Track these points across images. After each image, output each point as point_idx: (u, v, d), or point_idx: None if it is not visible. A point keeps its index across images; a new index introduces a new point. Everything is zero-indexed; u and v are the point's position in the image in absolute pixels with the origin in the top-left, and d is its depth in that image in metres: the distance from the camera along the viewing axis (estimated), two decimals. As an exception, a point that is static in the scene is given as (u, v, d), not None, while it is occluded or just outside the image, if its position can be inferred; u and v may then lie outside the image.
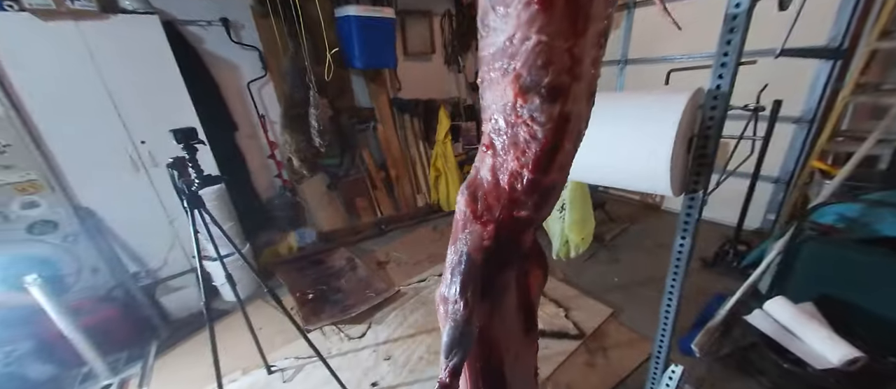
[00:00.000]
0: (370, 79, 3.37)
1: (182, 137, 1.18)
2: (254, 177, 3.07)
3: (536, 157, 0.54)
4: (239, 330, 2.25)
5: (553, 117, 0.51)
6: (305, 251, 3.21)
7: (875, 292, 1.42)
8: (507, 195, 0.58)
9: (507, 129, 0.54)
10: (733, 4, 0.72)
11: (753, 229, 2.76)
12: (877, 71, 2.11)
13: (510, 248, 0.65)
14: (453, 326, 0.59)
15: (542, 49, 0.47)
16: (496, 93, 0.53)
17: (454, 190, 3.54)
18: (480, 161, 0.61)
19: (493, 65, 0.52)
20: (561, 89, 0.50)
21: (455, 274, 0.61)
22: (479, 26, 0.53)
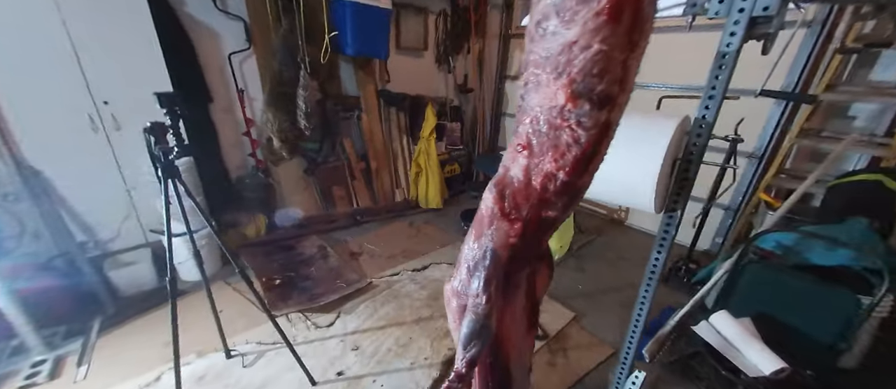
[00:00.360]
0: (359, 67, 3.32)
1: (167, 102, 1.11)
2: (225, 154, 2.91)
3: (576, 160, 0.56)
4: (196, 312, 2.14)
5: (599, 123, 0.53)
6: (274, 235, 3.09)
7: (802, 312, 1.61)
8: (538, 195, 0.59)
9: (549, 131, 0.56)
10: (725, 44, 0.80)
11: (703, 250, 3.01)
12: (819, 119, 2.40)
13: (532, 248, 0.67)
14: (474, 319, 0.61)
15: (601, 58, 0.50)
16: (544, 95, 0.55)
17: (434, 188, 3.57)
18: (512, 160, 0.62)
19: (545, 67, 0.53)
20: (610, 98, 0.52)
21: (479, 268, 0.62)
22: (533, 29, 0.54)
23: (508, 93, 4.33)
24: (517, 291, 0.74)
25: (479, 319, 0.61)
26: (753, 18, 0.78)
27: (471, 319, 0.61)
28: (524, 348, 0.83)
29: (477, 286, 0.61)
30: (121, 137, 2.23)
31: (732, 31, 0.81)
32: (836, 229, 1.76)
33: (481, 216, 0.65)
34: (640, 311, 1.26)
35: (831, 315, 1.58)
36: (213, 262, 2.59)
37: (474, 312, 0.61)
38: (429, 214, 3.63)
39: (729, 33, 0.81)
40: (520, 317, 0.78)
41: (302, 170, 3.28)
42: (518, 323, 0.78)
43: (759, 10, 0.77)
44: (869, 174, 1.97)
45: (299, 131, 2.34)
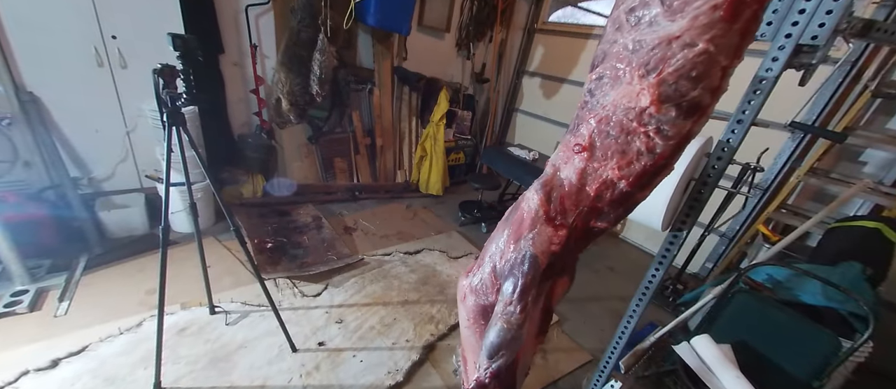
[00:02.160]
0: (378, 39, 3.23)
1: (182, 45, 1.06)
2: (230, 109, 2.85)
3: (643, 170, 0.50)
4: (183, 264, 2.13)
5: (680, 134, 0.47)
6: (271, 198, 3.06)
7: (782, 347, 1.63)
8: (590, 202, 0.54)
9: (619, 135, 0.49)
10: (765, 69, 0.77)
11: (692, 273, 3.03)
12: (831, 160, 2.39)
13: (571, 257, 0.62)
14: (506, 328, 0.56)
15: (704, 60, 0.43)
16: (622, 94, 0.48)
17: (436, 174, 3.53)
18: (566, 161, 0.56)
19: (631, 62, 0.47)
20: (701, 106, 0.46)
21: (515, 273, 0.57)
22: (623, 16, 0.47)
23: (524, 89, 4.26)
24: (541, 298, 0.69)
25: (512, 329, 0.56)
26: (799, 46, 0.75)
27: (502, 328, 0.56)
28: (530, 352, 0.80)
29: (511, 292, 0.56)
30: (126, 76, 2.17)
31: (775, 56, 0.78)
32: (829, 271, 1.77)
33: (521, 216, 0.59)
34: (627, 324, 1.26)
35: (810, 353, 1.60)
36: (207, 217, 2.56)
37: (506, 321, 0.56)
38: (427, 199, 3.61)
39: (771, 58, 0.78)
40: (535, 323, 0.74)
41: (306, 137, 3.23)
42: (532, 329, 0.74)
43: (806, 38, 0.74)
44: (870, 221, 1.97)
45: (310, 97, 2.28)
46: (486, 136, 4.25)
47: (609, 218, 0.54)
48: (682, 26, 0.43)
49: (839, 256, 1.86)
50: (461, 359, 0.75)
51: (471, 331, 0.65)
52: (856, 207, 2.34)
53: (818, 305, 1.73)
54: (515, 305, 0.56)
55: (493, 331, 0.57)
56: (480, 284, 0.61)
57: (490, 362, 0.58)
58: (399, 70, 3.42)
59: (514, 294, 0.56)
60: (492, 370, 0.58)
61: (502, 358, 0.57)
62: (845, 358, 1.53)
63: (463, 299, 0.64)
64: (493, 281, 0.61)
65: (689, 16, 0.42)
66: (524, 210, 0.60)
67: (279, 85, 2.25)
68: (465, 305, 0.63)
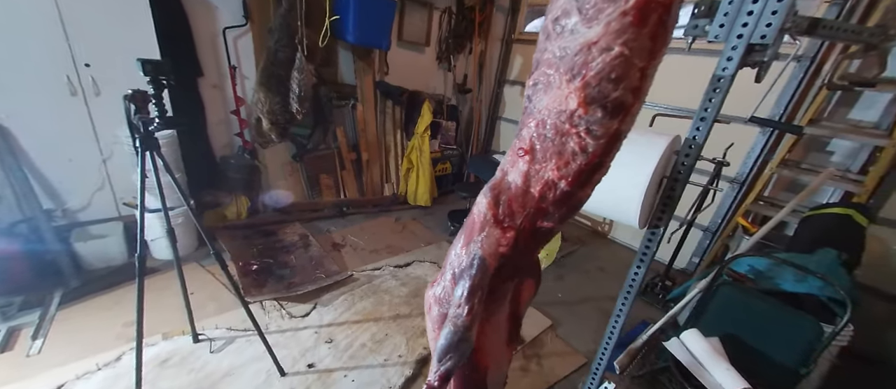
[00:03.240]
0: (359, 56, 3.26)
1: (152, 70, 1.06)
2: (211, 131, 2.82)
3: (580, 170, 0.52)
4: (165, 292, 2.06)
5: (608, 133, 0.50)
6: (256, 219, 3.02)
7: (767, 336, 1.66)
8: (535, 203, 0.55)
9: (555, 137, 0.52)
10: (721, 68, 0.81)
11: (680, 268, 3.08)
12: (800, 151, 2.49)
13: (522, 259, 0.62)
14: (453, 331, 0.56)
15: (621, 63, 0.46)
16: (554, 97, 0.51)
17: (423, 185, 3.54)
18: (511, 164, 0.58)
19: (559, 69, 0.49)
20: (624, 106, 0.49)
21: (464, 276, 0.57)
22: (549, 26, 0.50)
23: (506, 98, 4.34)
24: (501, 302, 0.70)
25: (459, 331, 0.56)
26: (751, 45, 0.79)
27: (450, 331, 0.56)
28: (502, 360, 0.79)
29: (460, 295, 0.57)
30: (100, 103, 2.13)
31: (729, 56, 0.82)
32: (806, 258, 1.82)
33: (472, 220, 0.61)
34: (615, 324, 1.27)
35: (795, 340, 1.63)
36: (189, 242, 2.50)
37: (454, 323, 0.56)
38: (416, 211, 3.61)
39: (726, 58, 0.83)
40: (501, 329, 0.74)
41: (290, 155, 3.21)
42: (498, 335, 0.73)
43: (756, 37, 0.78)
44: (841, 208, 2.05)
45: (290, 115, 2.28)
46: (471, 145, 4.30)
47: (554, 218, 0.56)
48: (598, 32, 0.46)
49: (815, 243, 1.92)
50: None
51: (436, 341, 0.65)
52: (828, 195, 2.43)
53: (798, 292, 1.77)
54: (463, 306, 0.56)
55: (443, 334, 0.58)
56: (443, 293, 0.61)
57: (439, 364, 0.58)
58: (381, 84, 3.45)
59: (462, 296, 0.57)
60: (440, 372, 0.58)
61: (451, 361, 0.57)
62: (828, 343, 1.57)
63: (429, 310, 0.64)
64: (454, 289, 0.61)
65: (603, 22, 0.45)
66: (475, 214, 0.61)
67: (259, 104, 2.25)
68: (430, 316, 0.63)
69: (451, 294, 0.60)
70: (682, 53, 3.03)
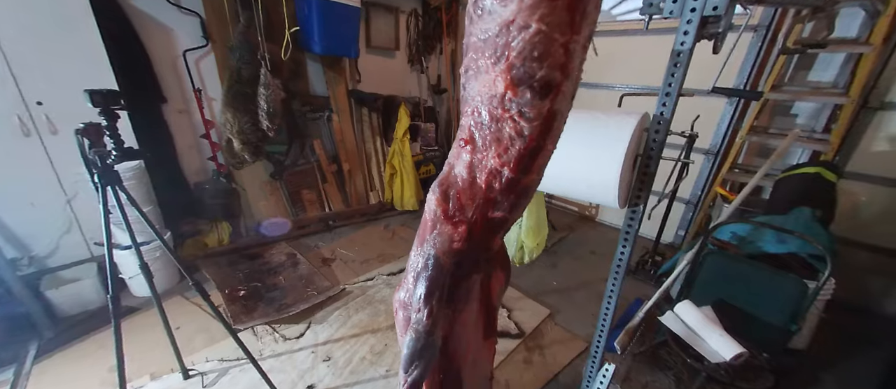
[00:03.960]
0: (328, 66, 3.21)
1: (101, 100, 1.00)
2: (182, 158, 2.73)
3: (520, 155, 0.51)
4: (148, 330, 1.98)
5: (542, 114, 0.48)
6: (239, 243, 2.93)
7: (756, 298, 1.71)
8: (483, 194, 0.54)
9: (491, 124, 0.51)
10: (679, 43, 0.82)
11: (667, 243, 3.15)
12: (766, 117, 2.58)
13: (480, 251, 0.61)
14: (415, 337, 0.54)
15: (541, 39, 0.45)
16: (483, 83, 0.50)
17: (409, 189, 3.51)
18: (456, 157, 0.57)
19: (484, 52, 0.48)
20: (552, 85, 0.47)
21: (420, 279, 0.55)
22: (471, 9, 0.49)
23: (481, 94, 4.35)
24: (469, 299, 0.67)
25: (421, 337, 0.53)
26: (704, 18, 0.81)
27: (412, 338, 0.54)
28: (481, 358, 0.76)
29: (418, 298, 0.54)
30: (57, 142, 2.03)
31: (685, 30, 0.83)
32: (783, 219, 1.88)
33: (425, 220, 0.59)
34: (608, 305, 1.27)
35: (782, 299, 1.68)
36: (170, 275, 2.41)
37: (415, 329, 0.54)
38: (404, 216, 3.57)
39: (682, 32, 0.84)
40: (474, 326, 0.71)
41: (268, 174, 3.13)
42: (472, 333, 0.71)
43: (709, 9, 0.79)
44: (810, 167, 2.13)
45: (262, 133, 2.21)
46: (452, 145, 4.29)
47: (504, 207, 0.55)
48: (513, 10, 0.45)
49: (790, 203, 1.99)
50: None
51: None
52: (797, 156, 2.52)
53: (780, 253, 1.83)
54: (422, 310, 0.54)
55: (405, 343, 0.55)
56: (407, 296, 0.59)
57: (405, 375, 0.55)
58: (355, 93, 3.41)
59: (420, 299, 0.54)
60: (408, 383, 0.55)
61: (417, 370, 0.55)
62: (813, 298, 1.62)
63: (396, 314, 0.62)
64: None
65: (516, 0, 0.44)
66: (426, 213, 0.59)
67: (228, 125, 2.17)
68: (397, 320, 0.61)
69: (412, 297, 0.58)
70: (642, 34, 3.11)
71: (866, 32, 2.09)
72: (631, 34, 2.98)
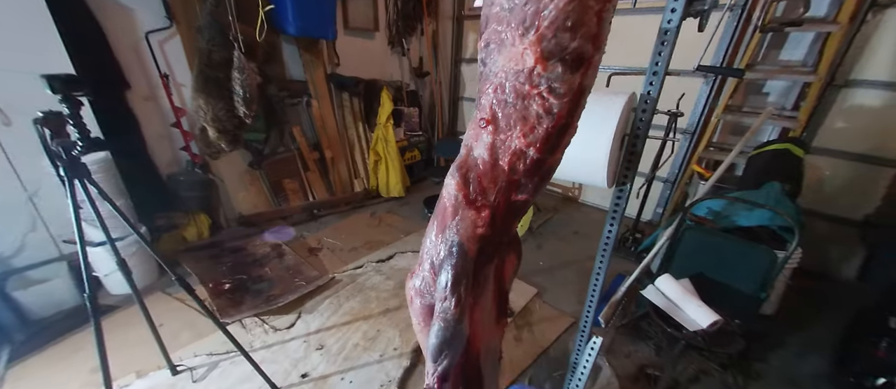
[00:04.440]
0: (304, 48, 3.07)
1: (61, 86, 0.91)
2: (152, 148, 2.58)
3: (547, 134, 0.47)
4: (129, 329, 1.91)
5: (572, 89, 0.45)
6: (221, 236, 2.83)
7: (730, 269, 1.81)
8: (506, 176, 0.51)
9: (516, 101, 0.47)
10: (666, 20, 0.82)
11: (647, 220, 3.27)
12: (740, 96, 2.67)
13: (502, 236, 0.59)
14: (444, 326, 0.52)
15: (575, 7, 0.41)
16: (509, 57, 0.46)
17: (394, 176, 3.47)
18: (475, 139, 0.53)
19: (510, 23, 0.44)
20: (585, 57, 0.44)
21: (445, 267, 0.53)
22: None
23: (465, 77, 4.29)
24: (487, 284, 0.66)
25: (450, 325, 0.52)
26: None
27: (440, 327, 0.52)
28: (494, 339, 0.76)
29: (444, 286, 0.52)
30: (12, 134, 1.87)
31: (673, 8, 0.83)
32: (755, 194, 1.98)
33: (444, 206, 0.56)
34: (596, 281, 1.32)
35: (753, 269, 1.78)
36: (149, 271, 2.31)
37: (443, 318, 0.52)
38: (391, 203, 3.54)
39: (670, 10, 0.84)
40: (489, 309, 0.71)
41: (247, 164, 3.01)
42: (487, 316, 0.70)
43: (697, -14, 0.79)
44: (779, 143, 2.24)
45: (239, 120, 2.11)
46: (437, 129, 4.24)
47: (528, 189, 0.53)
48: None
49: (761, 179, 2.09)
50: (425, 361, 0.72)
51: (423, 334, 0.63)
52: (768, 133, 2.64)
53: (752, 225, 1.93)
54: (449, 299, 0.52)
55: (432, 332, 0.54)
56: (423, 284, 0.58)
57: (435, 366, 0.54)
58: (334, 77, 3.29)
59: (446, 288, 0.52)
60: (438, 373, 0.54)
61: (447, 359, 0.53)
62: (781, 267, 1.73)
63: (410, 302, 0.61)
64: (434, 278, 0.58)
65: None
66: (445, 198, 0.56)
67: (201, 112, 2.05)
68: (413, 308, 0.60)
69: (432, 284, 0.57)
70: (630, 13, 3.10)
71: (834, 11, 2.17)
72: (619, 14, 2.98)
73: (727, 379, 1.80)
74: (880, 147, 2.26)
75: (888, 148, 2.23)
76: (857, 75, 2.24)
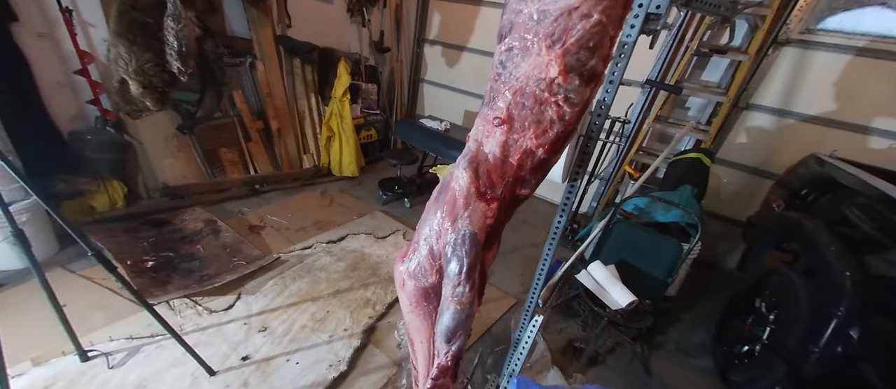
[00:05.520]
0: (250, 2, 2.75)
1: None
2: (47, 98, 2.14)
3: (557, 137, 0.53)
4: (24, 309, 1.64)
5: (583, 100, 0.51)
6: (139, 207, 2.49)
7: (646, 258, 2.11)
8: (514, 172, 0.56)
9: (534, 106, 0.51)
10: (625, 35, 0.91)
11: (583, 213, 3.61)
12: (668, 108, 3.03)
13: (501, 227, 0.63)
14: (460, 309, 0.57)
15: (599, 30, 0.46)
16: (534, 65, 0.49)
17: (348, 154, 3.33)
18: (486, 135, 0.57)
19: (537, 33, 0.48)
20: (596, 74, 0.50)
21: (458, 253, 0.56)
22: None
23: (427, 58, 4.21)
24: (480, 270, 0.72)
25: (465, 308, 0.57)
26: (648, 14, 0.90)
27: (456, 310, 0.56)
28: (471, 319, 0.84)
29: (458, 273, 0.56)
30: None
31: (632, 24, 0.93)
32: (671, 194, 2.31)
33: (453, 196, 0.59)
34: (543, 266, 1.45)
35: (664, 258, 2.10)
36: (45, 244, 1.97)
37: (459, 302, 0.56)
38: (343, 182, 3.41)
39: (629, 25, 0.93)
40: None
41: (175, 127, 2.66)
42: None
43: (653, 7, 0.89)
44: (693, 153, 2.62)
45: (171, 76, 1.82)
46: (395, 110, 4.13)
47: (531, 185, 0.59)
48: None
49: (677, 182, 2.43)
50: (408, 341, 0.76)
51: (415, 315, 0.66)
52: (685, 143, 3.05)
53: (666, 221, 2.26)
54: (464, 284, 0.57)
55: (448, 315, 0.58)
56: (418, 268, 0.61)
57: (448, 345, 0.59)
58: (284, 39, 3.01)
59: (461, 274, 0.57)
60: (453, 352, 0.59)
61: (460, 339, 0.59)
62: (686, 257, 2.06)
63: (402, 285, 0.63)
64: (431, 263, 0.62)
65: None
66: (455, 189, 0.60)
67: (121, 63, 1.74)
68: (405, 291, 0.63)
69: (429, 268, 0.60)
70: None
71: (747, 43, 2.55)
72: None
73: (636, 349, 2.12)
74: (766, 162, 2.76)
75: (772, 163, 2.73)
76: (755, 100, 2.68)
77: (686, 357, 2.16)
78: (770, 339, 1.78)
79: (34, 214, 1.85)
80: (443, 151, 2.94)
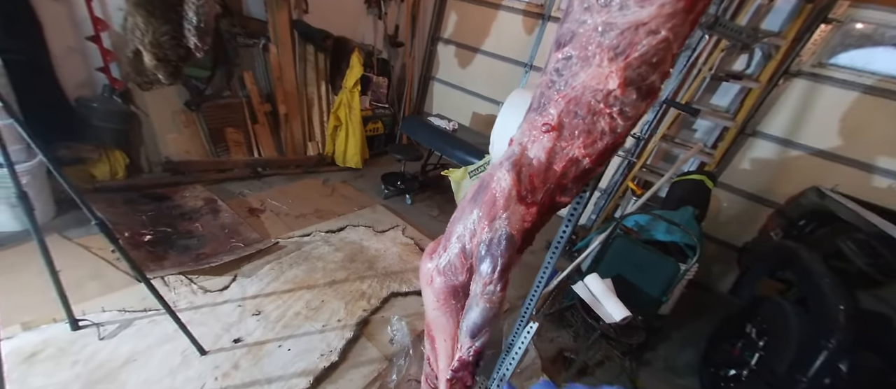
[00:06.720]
0: (269, -15, 2.74)
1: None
2: (57, 62, 2.13)
3: (606, 149, 0.52)
4: (17, 273, 1.63)
5: (637, 115, 0.50)
6: (140, 180, 2.48)
7: (644, 274, 2.12)
8: (557, 179, 0.56)
9: (586, 115, 0.51)
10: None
11: (581, 224, 3.63)
12: (675, 128, 3.05)
13: (536, 232, 0.64)
14: (489, 307, 0.58)
15: (664, 47, 0.46)
16: (592, 75, 0.49)
17: (354, 146, 3.32)
18: (532, 140, 0.57)
19: (600, 45, 0.47)
20: (653, 89, 0.49)
21: (493, 252, 0.57)
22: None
23: (440, 57, 4.21)
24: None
25: (494, 307, 0.58)
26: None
27: (485, 307, 0.57)
28: None
29: (490, 272, 0.57)
30: None
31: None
32: (673, 214, 2.33)
33: (493, 196, 0.60)
34: (543, 274, 1.45)
35: (660, 276, 2.11)
36: (43, 208, 1.95)
37: (489, 300, 0.57)
38: (346, 173, 3.40)
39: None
40: None
41: (182, 102, 2.64)
42: None
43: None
44: (697, 175, 2.64)
45: (186, 51, 1.81)
46: (404, 105, 4.13)
47: (571, 193, 0.60)
48: (651, 13, 0.46)
49: (679, 202, 2.45)
50: (428, 339, 0.76)
51: (440, 312, 0.66)
52: (689, 164, 3.07)
53: (666, 240, 2.27)
54: (496, 284, 0.58)
55: (476, 312, 0.59)
56: (448, 265, 0.62)
57: (472, 341, 0.60)
58: (299, 24, 3.00)
59: (494, 273, 0.58)
60: (476, 347, 0.60)
61: (484, 335, 0.60)
62: (682, 277, 2.08)
63: (430, 281, 0.64)
64: (463, 262, 0.62)
65: (657, 3, 0.45)
66: (496, 190, 0.60)
67: (137, 33, 1.72)
68: (433, 287, 0.63)
69: (459, 267, 0.60)
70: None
71: (759, 71, 2.57)
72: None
73: (625, 364, 2.13)
74: (767, 190, 2.79)
75: (772, 191, 2.76)
76: (762, 128, 2.71)
77: (673, 376, 2.18)
78: (758, 365, 1.79)
79: (34, 177, 1.83)
80: (448, 151, 2.94)
